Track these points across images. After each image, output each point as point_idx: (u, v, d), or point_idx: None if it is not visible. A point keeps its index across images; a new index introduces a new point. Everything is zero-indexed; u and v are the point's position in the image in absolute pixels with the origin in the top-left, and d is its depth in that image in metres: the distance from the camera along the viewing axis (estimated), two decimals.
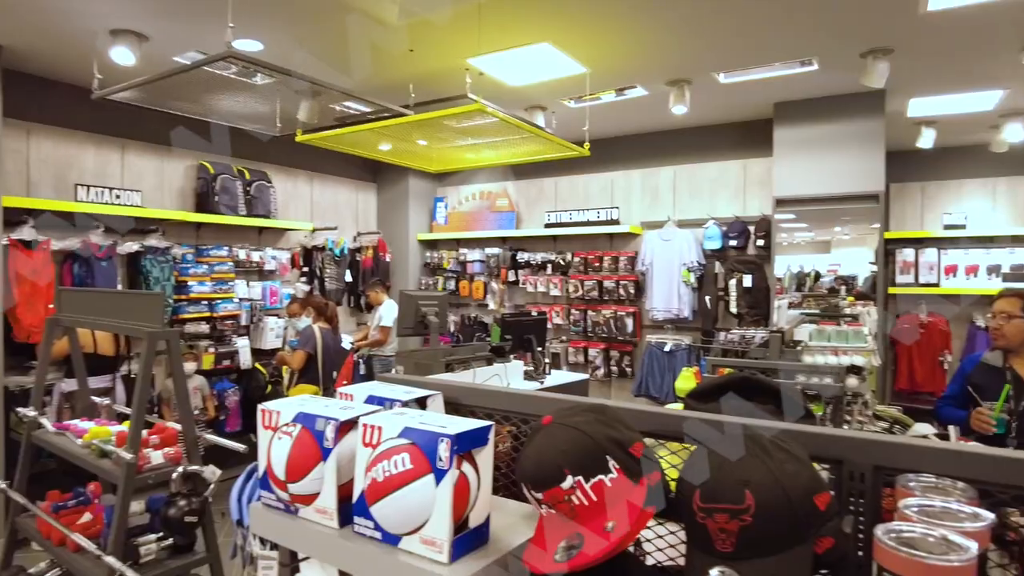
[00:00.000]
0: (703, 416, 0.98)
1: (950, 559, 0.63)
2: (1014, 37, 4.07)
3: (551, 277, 7.18)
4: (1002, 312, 2.77)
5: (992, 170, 6.86)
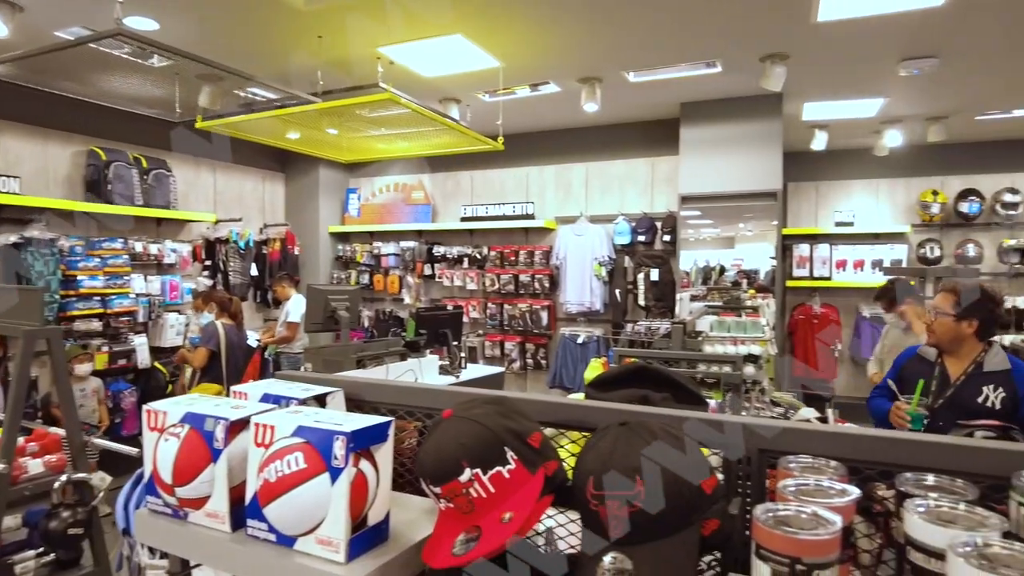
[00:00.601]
0: (600, 405, 1.00)
1: (818, 533, 0.66)
2: (893, 50, 4.39)
3: (468, 271, 7.17)
4: (934, 307, 2.64)
5: (876, 172, 7.40)
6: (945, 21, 3.87)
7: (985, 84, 5.17)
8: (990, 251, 6.95)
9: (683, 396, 1.21)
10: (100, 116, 5.63)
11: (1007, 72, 4.88)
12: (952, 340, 2.60)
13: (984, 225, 6.99)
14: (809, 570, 0.66)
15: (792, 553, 0.66)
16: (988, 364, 2.53)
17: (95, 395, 5.15)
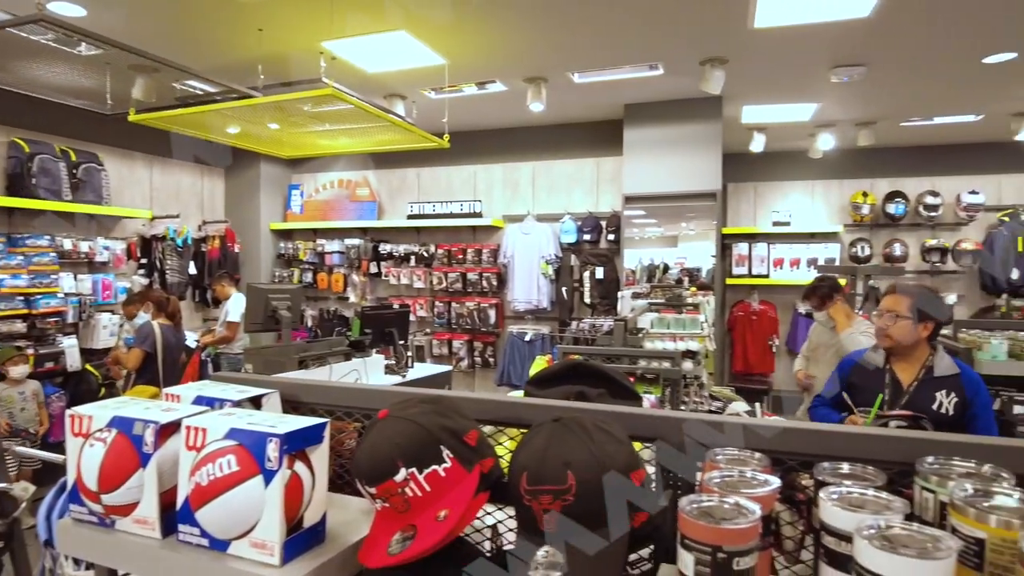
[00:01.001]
0: (536, 402, 1.02)
1: (737, 522, 0.70)
2: (825, 57, 4.58)
3: (414, 269, 7.12)
4: (890, 311, 2.52)
5: (811, 173, 7.69)
6: (871, 32, 4.05)
7: (908, 92, 5.44)
8: (914, 250, 7.31)
9: (618, 391, 1.24)
10: (23, 106, 5.34)
11: (927, 82, 5.15)
12: (910, 344, 2.50)
13: (909, 225, 7.35)
14: (730, 557, 0.69)
15: (713, 542, 0.69)
16: (938, 369, 2.46)
17: (35, 398, 4.89)
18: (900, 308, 2.48)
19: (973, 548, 0.71)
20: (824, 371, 3.82)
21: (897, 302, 2.51)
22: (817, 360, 4.14)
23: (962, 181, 7.17)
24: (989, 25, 4.00)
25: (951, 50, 4.42)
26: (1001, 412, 2.80)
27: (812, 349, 4.22)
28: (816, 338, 4.22)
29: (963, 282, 7.28)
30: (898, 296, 2.53)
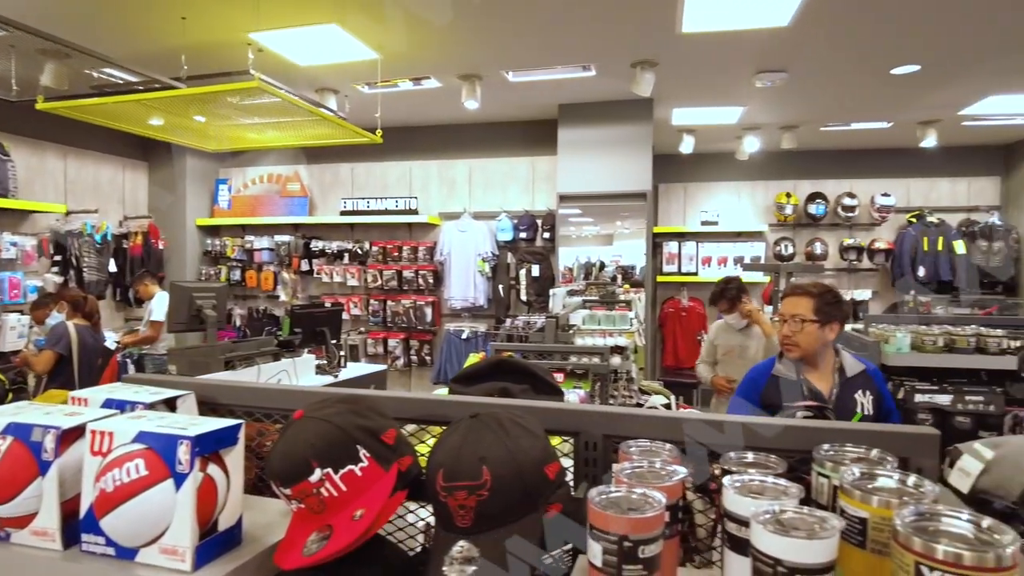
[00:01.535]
0: (454, 399, 1.03)
1: (642, 512, 0.72)
2: (749, 63, 4.76)
3: (348, 267, 7.00)
4: (794, 316, 2.27)
5: (738, 175, 7.98)
6: (791, 41, 4.24)
7: (826, 99, 5.72)
8: (833, 248, 7.70)
9: (541, 387, 1.26)
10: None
11: (843, 90, 5.43)
12: (819, 350, 2.28)
13: (829, 225, 7.74)
14: (635, 546, 0.72)
15: (619, 531, 0.71)
16: (849, 369, 2.28)
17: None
18: (804, 311, 2.26)
19: (857, 527, 0.76)
20: (741, 373, 3.82)
21: (799, 304, 2.28)
22: (731, 363, 3.99)
23: (876, 184, 7.60)
24: (895, 39, 4.25)
25: (862, 61, 4.67)
26: (904, 400, 2.99)
27: (723, 353, 4.03)
28: (725, 341, 4.03)
29: (877, 279, 7.72)
30: (799, 298, 2.30)
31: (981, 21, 3.96)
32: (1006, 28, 4.07)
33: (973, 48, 4.40)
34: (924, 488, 0.78)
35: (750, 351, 3.84)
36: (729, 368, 3.94)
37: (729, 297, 3.88)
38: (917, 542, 0.64)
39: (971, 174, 7.58)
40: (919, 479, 0.79)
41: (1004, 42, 4.29)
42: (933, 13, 3.84)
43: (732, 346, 3.95)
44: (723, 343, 4.02)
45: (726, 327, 4.01)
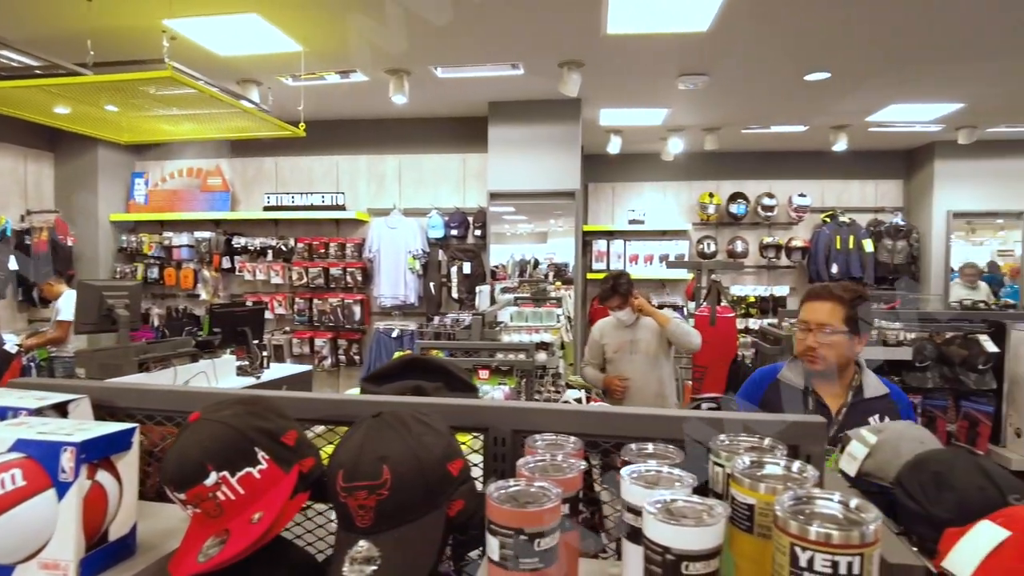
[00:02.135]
0: (358, 398, 1.01)
1: (537, 505, 0.73)
2: (673, 66, 4.89)
3: (272, 264, 6.79)
4: (820, 324, 1.96)
5: (663, 175, 8.21)
6: (711, 45, 4.38)
7: (746, 102, 5.94)
8: (754, 247, 8.02)
9: (456, 384, 1.26)
10: None
11: (761, 94, 5.66)
12: (845, 364, 1.99)
13: (750, 224, 8.05)
14: (531, 538, 0.72)
15: (516, 524, 0.72)
16: (868, 389, 1.99)
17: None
18: (832, 320, 1.94)
19: (746, 513, 0.80)
20: (641, 368, 3.69)
21: (826, 312, 1.96)
22: (623, 360, 3.77)
23: (793, 185, 7.96)
24: (808, 47, 4.46)
25: (778, 66, 4.87)
26: None
27: (614, 351, 3.78)
28: (614, 339, 3.79)
29: (794, 276, 8.09)
30: (825, 303, 1.98)
31: (884, 35, 4.21)
32: (906, 42, 4.33)
33: (877, 59, 4.67)
34: (807, 474, 0.82)
35: (642, 344, 3.72)
36: (623, 365, 3.76)
37: (622, 292, 3.67)
38: (793, 525, 0.67)
39: (878, 177, 8.05)
40: (803, 465, 0.84)
41: (904, 55, 4.57)
42: (841, 25, 4.05)
43: (623, 342, 3.75)
44: (612, 341, 3.79)
45: (615, 324, 3.79)
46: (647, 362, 3.72)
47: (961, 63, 4.75)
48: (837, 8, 3.81)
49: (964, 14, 3.89)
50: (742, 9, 3.78)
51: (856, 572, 0.65)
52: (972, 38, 4.27)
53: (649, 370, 3.71)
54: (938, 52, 4.53)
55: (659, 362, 3.74)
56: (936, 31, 4.16)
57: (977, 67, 4.83)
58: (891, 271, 7.55)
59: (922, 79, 5.15)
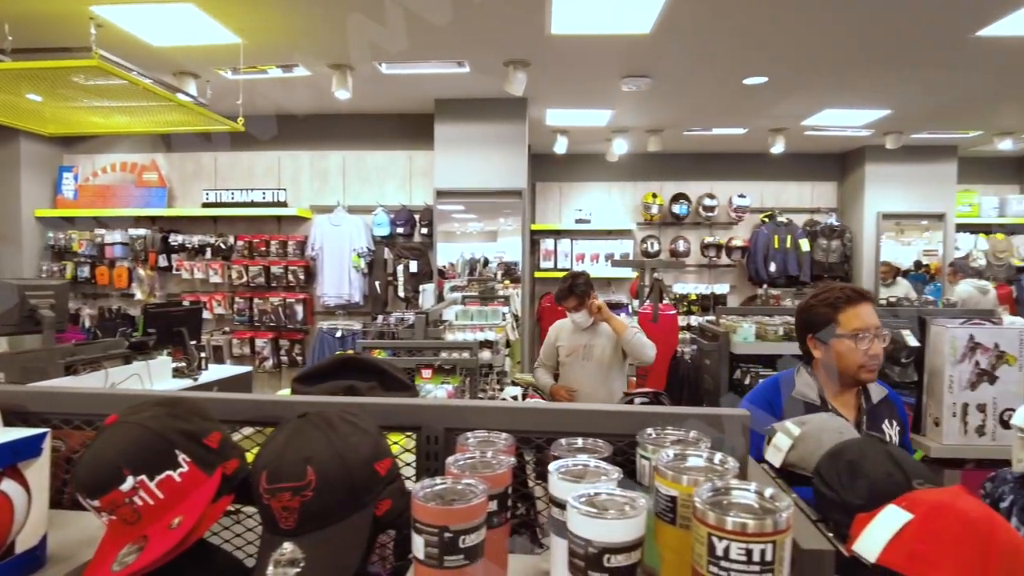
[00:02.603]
0: (284, 399, 0.99)
1: (462, 502, 0.73)
2: (616, 67, 4.96)
3: (211, 262, 6.59)
4: (878, 328, 1.80)
5: (609, 175, 8.32)
6: (654, 47, 4.46)
7: (688, 104, 6.08)
8: (695, 246, 8.21)
9: (391, 383, 1.25)
10: None
11: (702, 96, 5.80)
12: None
13: (691, 224, 8.25)
14: (456, 536, 0.72)
15: (440, 523, 0.72)
16: (874, 394, 1.89)
17: None
18: (879, 322, 1.82)
19: (669, 505, 0.81)
20: (592, 377, 3.51)
21: (875, 314, 1.83)
22: (576, 364, 3.60)
23: (733, 186, 8.19)
24: (746, 52, 4.59)
25: (718, 70, 5.00)
26: (749, 386, 3.25)
27: (567, 354, 3.62)
28: (569, 342, 3.63)
29: (733, 274, 8.33)
30: (870, 305, 1.85)
31: (818, 42, 4.37)
32: (837, 50, 4.51)
33: (812, 65, 4.84)
34: (728, 465, 0.84)
35: (596, 350, 3.54)
36: (574, 370, 3.60)
37: (578, 294, 3.51)
38: (710, 516, 0.69)
39: (814, 179, 8.35)
40: (724, 457, 0.86)
41: (837, 62, 4.76)
42: (777, 32, 4.19)
43: (577, 346, 3.59)
44: (567, 344, 3.63)
45: (572, 326, 3.63)
46: (599, 371, 3.52)
47: (888, 72, 4.98)
48: (773, 15, 3.93)
49: (889, 27, 4.07)
50: (683, 13, 3.86)
51: (768, 559, 0.67)
52: (897, 49, 4.47)
53: (600, 381, 3.50)
54: (867, 61, 4.73)
55: (611, 373, 3.54)
56: (865, 41, 4.34)
57: (902, 76, 5.06)
58: (826, 269, 7.85)
59: (853, 86, 5.37)
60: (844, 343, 1.81)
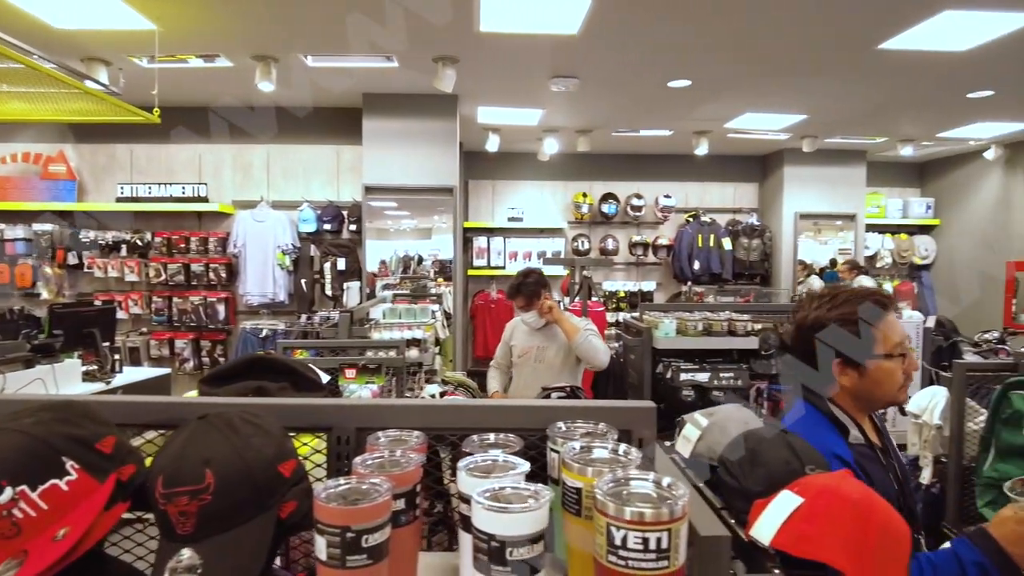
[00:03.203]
0: (184, 401, 0.96)
1: (364, 501, 0.73)
2: (545, 67, 5.00)
3: (126, 260, 6.27)
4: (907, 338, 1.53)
5: (541, 174, 8.41)
6: (581, 48, 4.53)
7: (615, 106, 6.20)
8: (624, 244, 8.40)
9: (303, 384, 1.22)
10: None
11: (628, 98, 5.92)
12: None
13: (620, 223, 8.43)
14: (358, 536, 0.72)
15: (342, 523, 0.71)
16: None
17: None
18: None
19: (575, 497, 0.83)
20: (544, 377, 3.31)
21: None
22: (527, 367, 3.47)
23: (660, 186, 8.42)
24: (670, 55, 4.72)
25: (643, 72, 5.12)
26: (671, 379, 3.35)
27: (519, 355, 3.49)
28: (521, 342, 3.50)
29: (660, 272, 8.56)
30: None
31: (738, 48, 4.53)
32: (757, 57, 4.70)
33: (732, 70, 5.02)
34: (631, 456, 0.87)
35: (549, 352, 3.38)
36: (525, 373, 3.46)
37: (526, 293, 3.35)
38: (609, 506, 0.71)
39: (736, 180, 8.69)
40: (628, 448, 0.89)
41: (756, 68, 4.95)
42: (699, 36, 4.32)
43: (529, 347, 3.44)
44: (520, 344, 3.50)
45: (526, 326, 3.49)
46: (550, 374, 3.31)
47: (803, 79, 5.22)
48: (696, 21, 4.06)
49: (803, 37, 4.27)
50: (609, 14, 3.93)
51: (664, 546, 0.70)
52: (810, 58, 4.70)
53: (552, 384, 3.16)
54: (784, 68, 4.95)
55: (563, 377, 3.31)
56: (781, 49, 4.54)
57: (815, 84, 5.33)
58: (747, 267, 8.17)
59: (771, 91, 5.61)
60: (887, 364, 1.44)
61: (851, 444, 1.42)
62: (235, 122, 6.41)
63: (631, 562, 0.69)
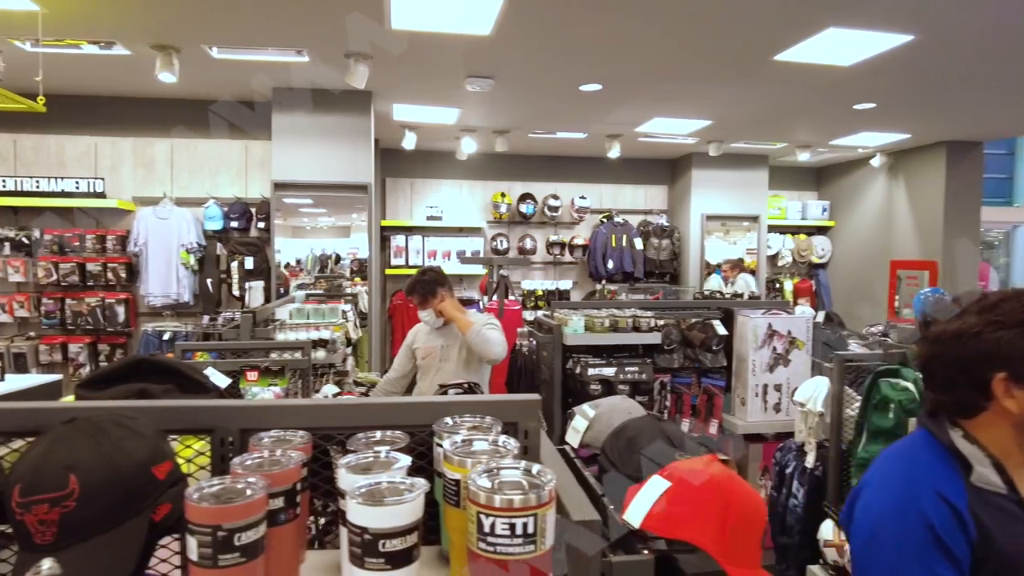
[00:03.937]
0: (50, 406, 0.92)
1: (236, 500, 0.73)
2: (460, 66, 5.01)
3: (11, 259, 5.82)
4: None
5: (460, 173, 8.43)
6: (495, 49, 4.56)
7: (530, 107, 6.29)
8: (541, 244, 8.53)
9: (189, 386, 1.20)
10: None
11: (542, 100, 6.02)
12: None
13: (538, 223, 8.55)
14: (230, 534, 0.72)
15: (212, 522, 0.71)
16: None
17: None
18: None
19: (454, 488, 0.86)
20: (450, 377, 3.21)
21: None
22: (432, 368, 3.41)
23: (576, 188, 8.61)
24: (580, 58, 4.83)
25: (556, 75, 5.22)
26: (580, 374, 3.45)
27: (423, 358, 3.42)
28: (424, 343, 3.43)
29: (576, 271, 8.75)
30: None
31: (645, 55, 4.69)
32: (664, 63, 4.88)
33: (641, 76, 5.20)
34: (509, 446, 0.90)
35: (453, 351, 3.35)
36: (431, 375, 3.40)
37: (421, 291, 3.29)
38: (479, 495, 0.74)
39: (647, 182, 8.99)
40: (507, 439, 0.92)
41: (663, 73, 5.14)
42: (609, 41, 4.44)
43: (432, 347, 3.39)
44: (423, 346, 3.43)
45: (426, 326, 3.43)
46: (456, 374, 3.25)
47: (706, 86, 5.47)
48: (603, 25, 4.17)
49: (705, 46, 4.47)
50: (520, 16, 3.98)
51: (531, 531, 0.73)
52: (712, 67, 4.93)
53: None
54: (688, 75, 5.17)
55: (469, 373, 3.27)
56: (686, 57, 4.73)
57: (719, 90, 5.59)
58: (657, 267, 8.48)
59: (678, 97, 5.84)
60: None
61: (972, 484, 1.12)
62: (136, 114, 6.09)
63: (499, 547, 0.73)
